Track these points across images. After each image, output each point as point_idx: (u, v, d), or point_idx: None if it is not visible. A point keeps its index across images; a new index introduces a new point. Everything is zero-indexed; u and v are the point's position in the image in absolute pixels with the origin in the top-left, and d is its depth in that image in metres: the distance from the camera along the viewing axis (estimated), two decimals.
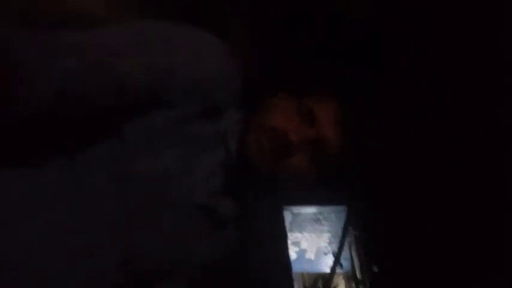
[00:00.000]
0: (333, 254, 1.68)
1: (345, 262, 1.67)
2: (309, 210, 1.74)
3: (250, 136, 0.82)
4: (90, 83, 0.65)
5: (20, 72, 0.61)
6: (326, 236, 1.72)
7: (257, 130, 0.82)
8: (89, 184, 0.71)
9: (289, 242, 1.67)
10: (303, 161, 0.83)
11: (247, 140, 0.82)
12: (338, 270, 1.66)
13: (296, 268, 1.67)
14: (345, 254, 1.67)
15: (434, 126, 1.13)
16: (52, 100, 0.64)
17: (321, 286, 1.65)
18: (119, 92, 0.68)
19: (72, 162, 0.71)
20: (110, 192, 0.72)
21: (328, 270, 1.66)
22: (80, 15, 0.96)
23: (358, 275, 1.63)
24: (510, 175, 1.04)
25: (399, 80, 1.12)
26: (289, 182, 0.88)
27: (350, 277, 1.66)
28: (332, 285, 1.63)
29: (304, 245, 1.73)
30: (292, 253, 1.70)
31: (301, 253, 1.71)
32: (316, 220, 1.73)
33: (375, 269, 1.59)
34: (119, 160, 0.72)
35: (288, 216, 1.71)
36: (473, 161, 1.10)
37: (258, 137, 0.81)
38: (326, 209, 1.73)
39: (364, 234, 1.62)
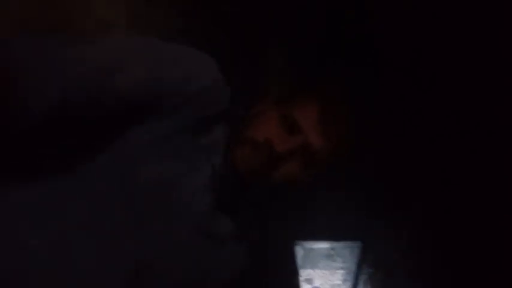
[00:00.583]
0: None
1: None
2: (322, 245, 1.62)
3: (235, 151, 0.82)
4: (76, 96, 0.65)
5: (16, 80, 0.62)
6: (340, 273, 1.62)
7: (242, 144, 0.81)
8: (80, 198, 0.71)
9: (301, 279, 1.59)
10: (293, 169, 0.82)
11: (232, 156, 0.81)
12: None
13: None
14: None
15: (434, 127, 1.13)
16: (46, 110, 0.63)
17: None
18: (97, 105, 0.68)
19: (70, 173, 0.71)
20: (99, 206, 0.72)
21: None
22: (71, 25, 1.01)
23: None
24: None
25: (399, 80, 1.13)
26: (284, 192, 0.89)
27: None
28: None
29: (317, 282, 1.63)
30: None
31: None
32: (329, 256, 1.63)
33: None
34: (106, 174, 0.73)
35: (299, 251, 1.61)
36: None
37: (243, 152, 0.80)
38: (339, 245, 1.61)
39: (379, 271, 1.53)
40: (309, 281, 1.63)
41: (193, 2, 1.11)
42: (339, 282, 1.62)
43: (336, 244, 1.61)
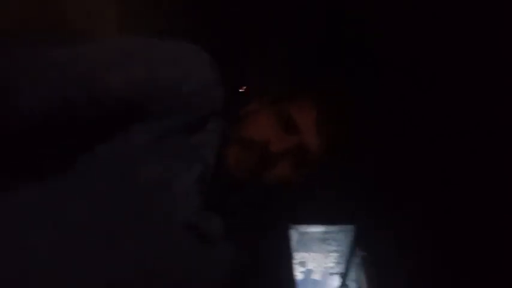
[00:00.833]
0: (340, 275, 1.62)
1: (352, 284, 1.60)
2: (316, 229, 1.67)
3: (230, 150, 0.81)
4: (76, 96, 0.66)
5: (16, 80, 0.62)
6: (333, 256, 1.66)
7: (236, 143, 0.81)
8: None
9: (295, 262, 1.61)
10: (285, 169, 0.82)
11: (226, 154, 0.81)
12: None
13: None
14: (353, 275, 1.60)
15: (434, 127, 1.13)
16: (46, 110, 0.65)
17: None
18: (97, 105, 0.68)
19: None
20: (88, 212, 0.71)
21: None
22: (70, 24, 1.00)
23: None
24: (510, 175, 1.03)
25: (399, 80, 1.13)
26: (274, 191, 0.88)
27: None
28: None
29: (310, 265, 1.66)
30: (298, 273, 1.64)
31: (308, 274, 1.65)
32: (323, 240, 1.67)
33: None
34: (106, 174, 0.73)
35: (294, 235, 1.64)
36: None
37: (237, 150, 0.80)
38: (333, 229, 1.66)
39: (371, 255, 1.54)
40: (302, 263, 1.66)
41: (192, 2, 1.11)
42: (332, 264, 1.66)
43: (330, 228, 1.66)
